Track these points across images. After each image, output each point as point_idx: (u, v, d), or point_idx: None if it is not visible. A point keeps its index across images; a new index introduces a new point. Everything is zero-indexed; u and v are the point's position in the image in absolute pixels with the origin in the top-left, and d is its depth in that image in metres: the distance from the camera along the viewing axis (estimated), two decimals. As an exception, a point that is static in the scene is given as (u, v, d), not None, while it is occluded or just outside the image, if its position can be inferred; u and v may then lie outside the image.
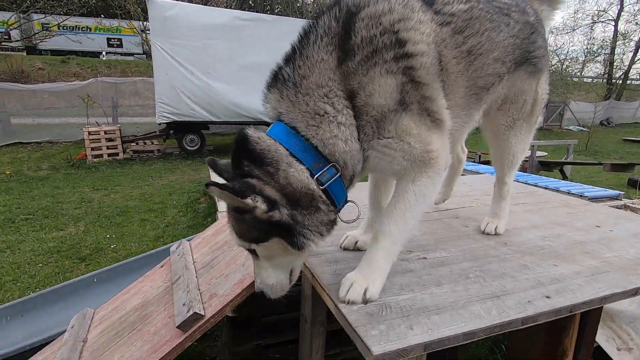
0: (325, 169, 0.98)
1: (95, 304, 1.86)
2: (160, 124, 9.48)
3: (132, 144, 9.71)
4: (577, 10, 25.13)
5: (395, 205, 1.04)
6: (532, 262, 1.21)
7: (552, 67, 23.18)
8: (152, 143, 9.95)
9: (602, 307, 1.43)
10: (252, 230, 0.99)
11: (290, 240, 0.97)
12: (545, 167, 6.83)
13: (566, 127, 20.77)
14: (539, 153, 7.26)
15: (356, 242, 1.30)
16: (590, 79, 26.23)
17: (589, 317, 1.38)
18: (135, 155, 9.38)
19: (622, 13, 23.38)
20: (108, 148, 8.87)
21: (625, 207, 2.91)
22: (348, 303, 0.99)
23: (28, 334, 1.90)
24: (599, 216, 1.67)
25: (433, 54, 0.99)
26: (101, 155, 8.71)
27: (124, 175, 7.21)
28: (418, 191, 1.02)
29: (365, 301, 1.00)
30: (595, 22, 24.54)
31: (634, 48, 23.76)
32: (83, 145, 8.99)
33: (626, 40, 23.65)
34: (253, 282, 1.14)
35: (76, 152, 9.03)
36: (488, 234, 1.42)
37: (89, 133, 8.60)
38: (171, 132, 9.63)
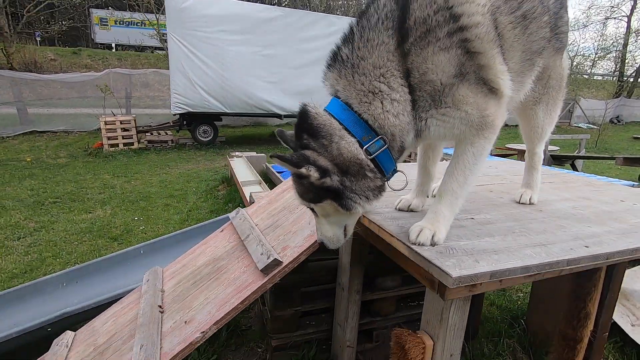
0: (373, 140, 1.07)
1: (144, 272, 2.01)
2: (175, 115, 9.64)
3: (147, 134, 9.88)
4: (591, 6, 24.81)
5: (455, 166, 1.15)
6: (567, 224, 1.33)
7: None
8: (166, 133, 10.11)
9: (624, 269, 1.55)
10: (309, 193, 1.12)
11: (339, 202, 1.09)
12: (556, 161, 6.90)
13: (575, 125, 20.66)
14: (550, 147, 7.32)
15: (409, 205, 1.41)
16: (601, 77, 25.97)
17: (613, 278, 1.50)
18: (150, 145, 9.55)
19: (636, 10, 23.06)
20: (123, 138, 9.05)
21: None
22: (418, 245, 1.12)
23: (84, 298, 2.07)
24: (622, 193, 1.78)
25: (488, 22, 1.03)
26: (117, 145, 8.90)
27: (141, 164, 7.38)
28: (476, 152, 1.13)
29: (433, 244, 1.12)
30: (608, 18, 24.26)
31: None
32: (98, 134, 9.19)
33: (639, 37, 23.37)
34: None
35: (92, 141, 9.22)
36: (523, 203, 1.54)
37: (105, 123, 8.77)
38: (184, 123, 9.78)
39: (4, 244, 3.45)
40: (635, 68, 23.96)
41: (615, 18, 24.18)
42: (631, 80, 23.76)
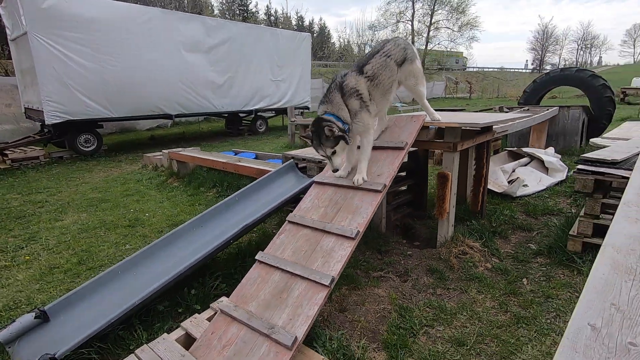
0: (345, 126, 2.30)
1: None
2: (46, 125, 8.50)
3: (5, 152, 8.37)
4: (385, 11, 31.79)
5: (363, 146, 2.45)
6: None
7: (378, 57, 29.04)
8: (33, 149, 8.77)
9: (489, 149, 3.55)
10: (332, 141, 2.20)
11: (345, 140, 2.29)
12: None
13: (393, 105, 26.74)
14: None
15: (345, 174, 2.89)
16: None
17: (487, 156, 3.45)
18: (16, 164, 8.20)
19: (415, 15, 30.95)
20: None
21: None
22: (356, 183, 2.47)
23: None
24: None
25: (365, 91, 2.30)
26: (-25, 168, 7.38)
27: (44, 180, 6.62)
28: (368, 138, 2.40)
29: (364, 180, 2.44)
30: (399, 21, 31.70)
31: (425, 42, 31.91)
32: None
33: (418, 36, 31.55)
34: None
35: None
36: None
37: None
38: (56, 134, 8.75)
39: None
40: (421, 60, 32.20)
41: (403, 22, 31.81)
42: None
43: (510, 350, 1.99)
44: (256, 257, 2.30)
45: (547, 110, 6.19)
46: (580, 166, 2.69)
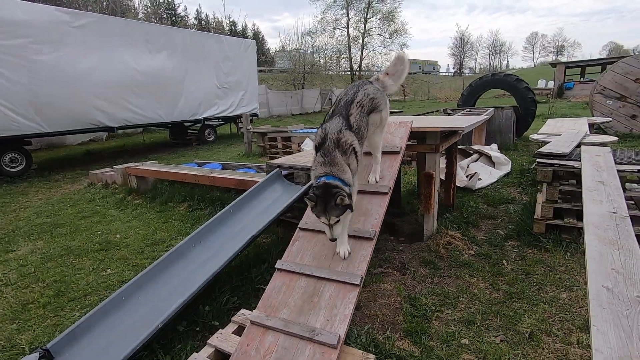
0: (347, 187, 1.99)
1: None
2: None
3: None
4: (322, 19, 32.69)
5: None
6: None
7: (317, 62, 29.75)
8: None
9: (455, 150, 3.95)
10: (341, 211, 1.94)
11: (351, 208, 2.00)
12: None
13: (335, 108, 27.54)
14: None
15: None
16: (341, 71, 34.99)
17: (452, 154, 3.84)
18: None
19: (350, 22, 32.25)
20: None
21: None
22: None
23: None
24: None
25: (357, 142, 2.11)
26: None
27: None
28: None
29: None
30: (335, 29, 32.80)
31: (360, 48, 33.43)
32: None
33: (356, 42, 32.97)
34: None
35: None
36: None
37: None
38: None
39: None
40: (357, 65, 33.70)
41: (339, 28, 32.98)
42: (357, 73, 33.38)
43: (512, 322, 2.30)
44: (276, 266, 2.34)
45: (487, 111, 6.97)
46: (540, 160, 3.17)
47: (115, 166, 6.57)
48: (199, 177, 4.76)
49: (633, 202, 3.07)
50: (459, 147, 6.47)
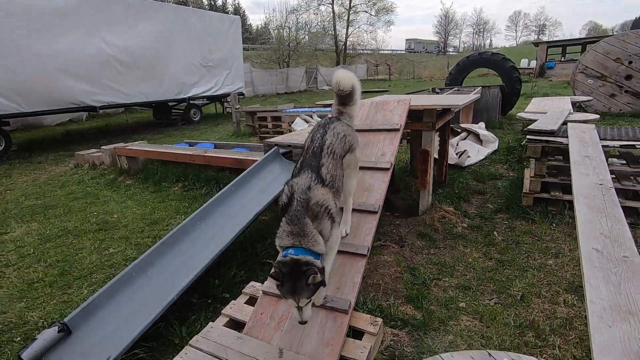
0: (319, 259, 1.64)
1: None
2: None
3: None
4: (307, -5, 31.75)
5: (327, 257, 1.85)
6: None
7: (303, 40, 29.12)
8: None
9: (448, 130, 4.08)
10: (312, 290, 1.58)
11: (324, 284, 1.65)
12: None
13: (321, 88, 27.24)
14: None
15: None
16: (326, 50, 34.36)
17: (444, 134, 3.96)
18: None
19: (335, -1, 31.44)
20: None
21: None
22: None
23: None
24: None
25: (332, 200, 1.78)
26: None
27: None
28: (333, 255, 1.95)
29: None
30: (320, 5, 31.99)
31: (346, 25, 32.83)
32: None
33: (341, 19, 32.31)
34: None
35: None
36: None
37: None
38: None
39: None
40: (343, 42, 33.16)
41: (324, 4, 32.17)
42: (342, 52, 32.91)
43: (504, 286, 2.49)
44: (284, 240, 2.44)
45: (475, 89, 7.10)
46: (529, 136, 3.33)
47: (102, 147, 6.43)
48: (194, 157, 4.75)
49: (614, 176, 3.28)
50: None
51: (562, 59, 21.06)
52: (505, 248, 2.95)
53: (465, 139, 5.97)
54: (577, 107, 7.83)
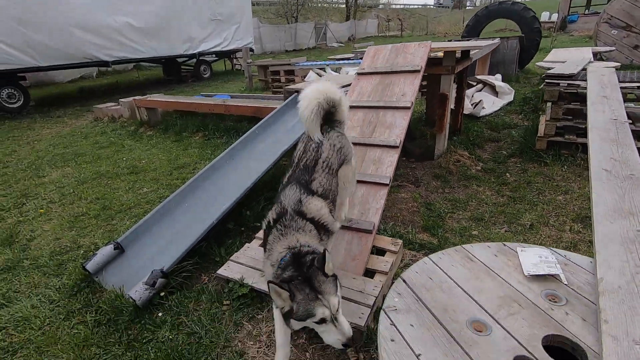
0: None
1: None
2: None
3: None
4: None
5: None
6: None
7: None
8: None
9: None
10: (333, 283, 1.26)
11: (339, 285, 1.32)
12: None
13: (330, 45, 26.39)
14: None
15: None
16: (336, 3, 32.83)
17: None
18: None
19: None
20: None
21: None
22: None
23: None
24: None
25: (329, 215, 1.59)
26: None
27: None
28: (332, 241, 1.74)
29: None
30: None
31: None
32: None
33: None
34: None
35: None
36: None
37: None
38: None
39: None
40: (354, -4, 31.51)
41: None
42: (352, 8, 31.43)
43: (515, 218, 2.68)
44: (310, 173, 2.62)
45: (493, 40, 6.93)
46: (547, 80, 3.36)
47: (121, 99, 6.55)
48: (214, 107, 4.87)
49: (630, 121, 3.33)
50: (463, 77, 6.55)
51: (586, 12, 19.92)
52: (517, 187, 3.11)
53: (480, 90, 5.94)
54: (598, 58, 7.63)
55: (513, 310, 1.07)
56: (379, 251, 2.24)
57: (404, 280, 1.23)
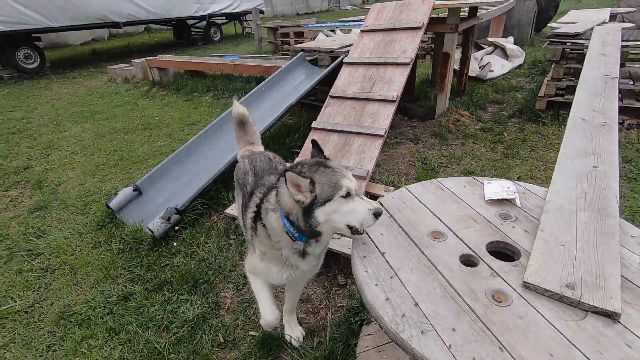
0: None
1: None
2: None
3: None
4: None
5: None
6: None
7: (324, -48, 26.42)
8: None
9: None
10: None
11: None
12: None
13: (344, 7, 25.47)
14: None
15: None
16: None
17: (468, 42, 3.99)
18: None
19: None
20: None
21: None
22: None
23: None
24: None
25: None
26: None
27: (1, 100, 6.12)
28: None
29: None
30: None
31: None
32: None
33: None
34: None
35: None
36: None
37: None
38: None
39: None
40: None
41: None
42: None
43: (505, 172, 2.82)
44: (312, 125, 2.79)
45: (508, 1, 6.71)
46: (551, 39, 3.36)
47: (133, 60, 6.69)
48: (223, 66, 4.98)
49: (632, 82, 3.35)
50: (474, 40, 6.44)
51: (618, -28, 18.60)
52: (512, 144, 3.22)
53: (491, 53, 5.86)
54: (620, 19, 7.33)
55: (469, 224, 1.26)
56: (373, 197, 2.43)
57: (381, 204, 1.43)
